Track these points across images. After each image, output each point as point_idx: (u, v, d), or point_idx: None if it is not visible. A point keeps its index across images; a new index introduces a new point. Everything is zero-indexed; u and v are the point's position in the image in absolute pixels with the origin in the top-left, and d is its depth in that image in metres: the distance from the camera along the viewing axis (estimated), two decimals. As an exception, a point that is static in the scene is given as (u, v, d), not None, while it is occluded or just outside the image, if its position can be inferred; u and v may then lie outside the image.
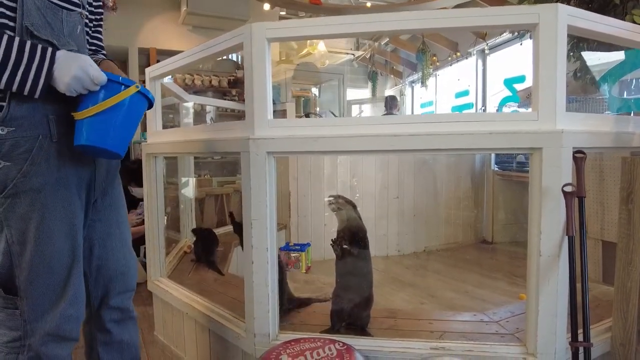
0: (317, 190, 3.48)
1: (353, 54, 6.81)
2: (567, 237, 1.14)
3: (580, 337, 1.13)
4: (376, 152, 1.23)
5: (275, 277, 1.34)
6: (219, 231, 2.80)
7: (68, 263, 1.06)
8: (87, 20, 1.18)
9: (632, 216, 1.27)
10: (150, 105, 1.13)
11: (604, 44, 2.52)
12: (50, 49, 0.97)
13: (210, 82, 5.24)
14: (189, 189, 2.89)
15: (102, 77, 0.99)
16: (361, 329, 1.41)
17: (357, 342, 1.26)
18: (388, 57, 7.35)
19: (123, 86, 1.03)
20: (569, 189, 1.13)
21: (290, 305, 1.60)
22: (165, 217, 2.34)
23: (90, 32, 1.23)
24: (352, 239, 1.41)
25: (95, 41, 1.27)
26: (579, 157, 1.19)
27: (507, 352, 1.23)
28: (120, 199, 1.29)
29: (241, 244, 1.40)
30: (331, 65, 6.73)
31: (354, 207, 1.43)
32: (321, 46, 5.79)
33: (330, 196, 1.42)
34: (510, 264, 3.29)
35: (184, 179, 2.83)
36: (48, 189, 1.02)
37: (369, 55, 7.19)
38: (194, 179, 3.13)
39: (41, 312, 1.04)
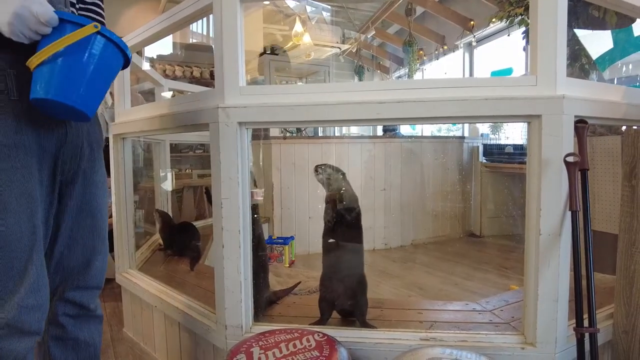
0: (301, 182, 3.35)
1: (339, 48, 6.68)
2: (570, 212, 1.03)
3: (585, 323, 1.02)
4: (360, 122, 1.11)
5: (249, 264, 1.21)
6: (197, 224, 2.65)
7: (28, 244, 0.90)
8: None
9: (635, 193, 1.17)
10: (127, 61, 0.97)
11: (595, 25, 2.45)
12: None
13: (192, 73, 5.07)
14: (166, 180, 2.74)
15: (49, 14, 0.82)
16: (362, 320, 1.28)
17: (339, 333, 1.14)
18: (375, 52, 7.26)
19: (80, 26, 0.85)
20: (571, 159, 1.02)
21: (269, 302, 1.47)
22: (136, 207, 2.20)
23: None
24: (346, 208, 1.27)
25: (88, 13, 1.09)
26: (580, 126, 1.09)
27: (504, 341, 1.12)
28: (99, 184, 1.12)
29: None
30: (316, 59, 6.59)
31: (344, 175, 1.30)
32: (306, 38, 5.66)
33: (317, 165, 1.28)
34: (500, 257, 3.20)
35: (159, 171, 2.68)
36: (3, 154, 0.86)
37: (355, 50, 7.08)
38: (173, 170, 2.98)
39: None
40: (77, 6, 1.03)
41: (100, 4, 1.10)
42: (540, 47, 1.04)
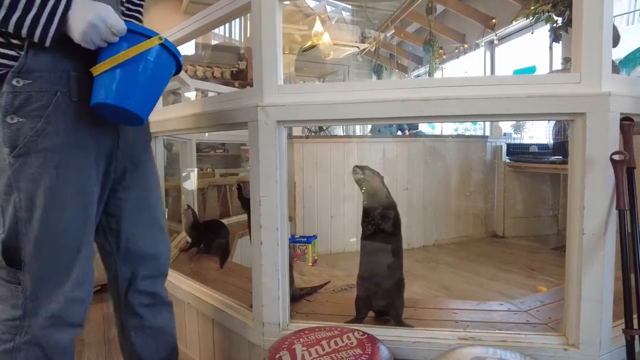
0: (323, 181, 3.36)
1: (358, 47, 6.67)
2: (616, 211, 1.01)
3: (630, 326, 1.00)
4: (402, 119, 1.11)
5: (286, 261, 1.22)
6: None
7: (78, 238, 0.95)
8: None
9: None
10: (179, 67, 1.01)
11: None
12: None
13: (213, 73, 5.13)
14: (193, 178, 2.77)
15: (121, 26, 0.88)
16: (397, 320, 1.28)
17: (377, 332, 1.14)
18: (394, 51, 7.22)
19: (145, 37, 0.91)
20: (618, 157, 1.00)
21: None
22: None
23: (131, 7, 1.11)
24: (382, 215, 1.27)
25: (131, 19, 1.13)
26: (626, 124, 1.07)
27: (545, 342, 1.11)
28: (151, 177, 1.15)
29: (248, 221, 1.28)
30: (335, 59, 6.58)
31: (382, 179, 1.30)
32: (326, 37, 5.65)
33: (355, 166, 1.28)
34: (525, 257, 3.15)
35: (185, 169, 2.71)
36: (63, 150, 0.91)
37: (374, 49, 7.05)
38: (197, 169, 3.02)
39: (44, 291, 0.92)
40: (125, 6, 1.06)
41: (142, 10, 1.14)
42: (585, 44, 1.02)
